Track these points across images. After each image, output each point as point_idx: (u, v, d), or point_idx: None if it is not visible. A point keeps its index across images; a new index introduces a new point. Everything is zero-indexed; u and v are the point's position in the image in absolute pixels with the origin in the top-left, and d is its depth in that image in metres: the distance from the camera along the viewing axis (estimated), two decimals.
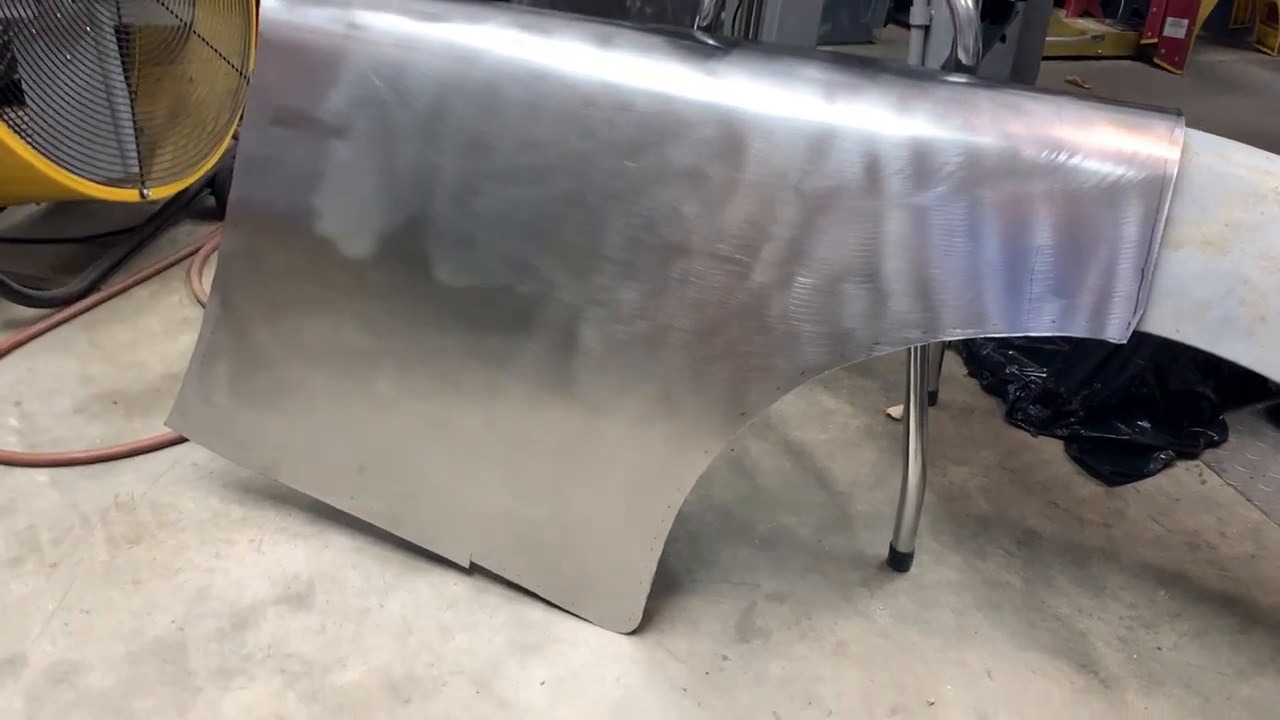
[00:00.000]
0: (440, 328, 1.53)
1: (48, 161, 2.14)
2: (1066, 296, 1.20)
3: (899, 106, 1.28)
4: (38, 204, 2.94)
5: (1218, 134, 1.25)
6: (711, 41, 1.44)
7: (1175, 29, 5.52)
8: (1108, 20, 6.10)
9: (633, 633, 1.54)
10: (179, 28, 2.57)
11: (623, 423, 1.45)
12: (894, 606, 1.63)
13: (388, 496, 1.64)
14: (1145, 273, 1.18)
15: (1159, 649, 1.58)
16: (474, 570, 1.62)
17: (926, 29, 2.39)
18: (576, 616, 1.56)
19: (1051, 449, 2.08)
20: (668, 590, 1.62)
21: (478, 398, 1.53)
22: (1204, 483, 2.00)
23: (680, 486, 1.45)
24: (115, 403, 2.06)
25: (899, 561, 1.71)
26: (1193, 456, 2.06)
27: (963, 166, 1.23)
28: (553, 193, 1.41)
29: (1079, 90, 4.99)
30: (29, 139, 2.11)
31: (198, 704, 1.40)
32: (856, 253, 1.27)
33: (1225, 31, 6.31)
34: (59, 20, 2.19)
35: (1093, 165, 1.20)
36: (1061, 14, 5.98)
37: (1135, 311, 1.18)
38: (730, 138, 1.32)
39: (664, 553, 1.49)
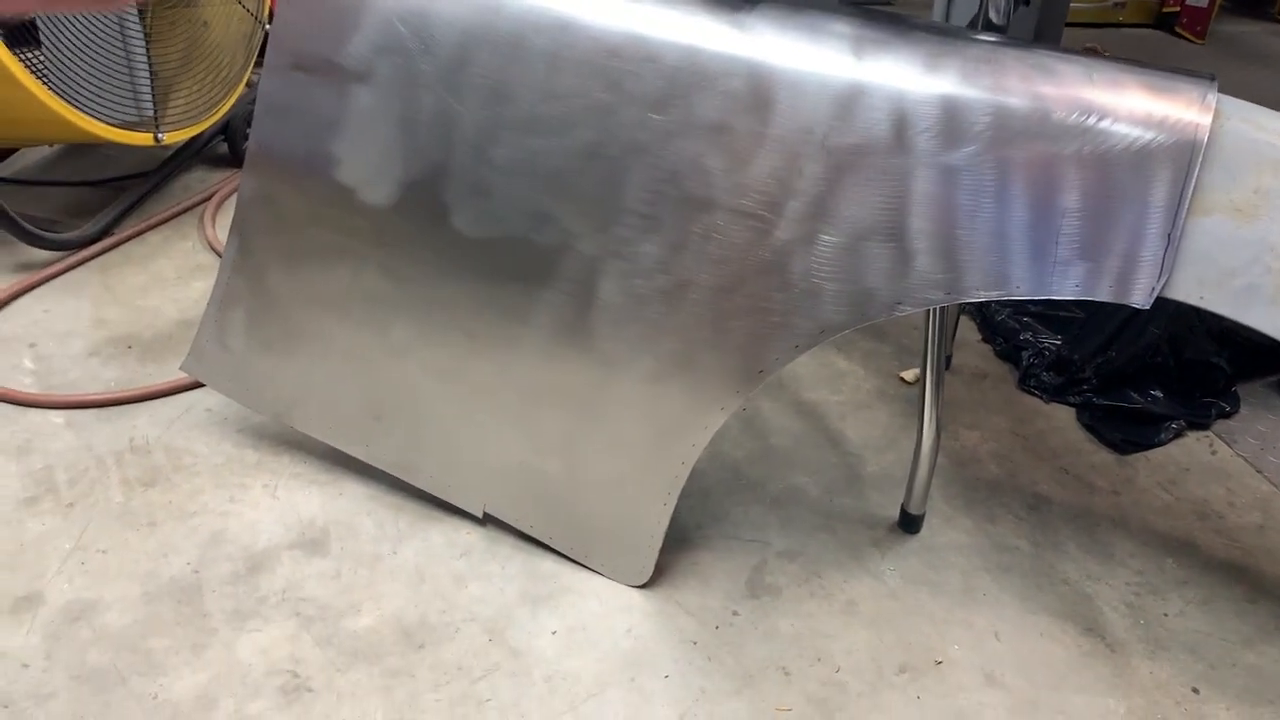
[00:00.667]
0: (458, 277, 1.53)
1: (63, 102, 2.13)
2: (1092, 260, 1.19)
3: (929, 64, 1.27)
4: (50, 146, 2.93)
5: None
6: None
7: None
8: None
9: (644, 586, 1.55)
10: None
11: (640, 377, 1.45)
12: (904, 567, 1.64)
13: (402, 445, 1.64)
14: (1172, 238, 1.17)
15: (1165, 615, 1.59)
16: (487, 520, 1.63)
17: None
18: (588, 568, 1.57)
19: (1063, 416, 2.08)
20: (679, 545, 1.63)
21: (494, 348, 1.53)
22: (1214, 453, 2.00)
23: (695, 442, 1.45)
24: (129, 346, 2.07)
25: (910, 523, 1.72)
26: (1204, 427, 2.06)
27: (992, 126, 1.22)
28: (575, 144, 1.40)
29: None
30: (45, 79, 2.10)
31: (213, 644, 1.42)
32: (882, 211, 1.26)
33: (1248, 1, 6.22)
34: None
35: (1123, 129, 1.19)
36: None
37: (1160, 277, 1.18)
38: (757, 92, 1.31)
39: (675, 508, 1.50)
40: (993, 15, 1.37)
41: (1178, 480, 1.91)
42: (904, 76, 1.26)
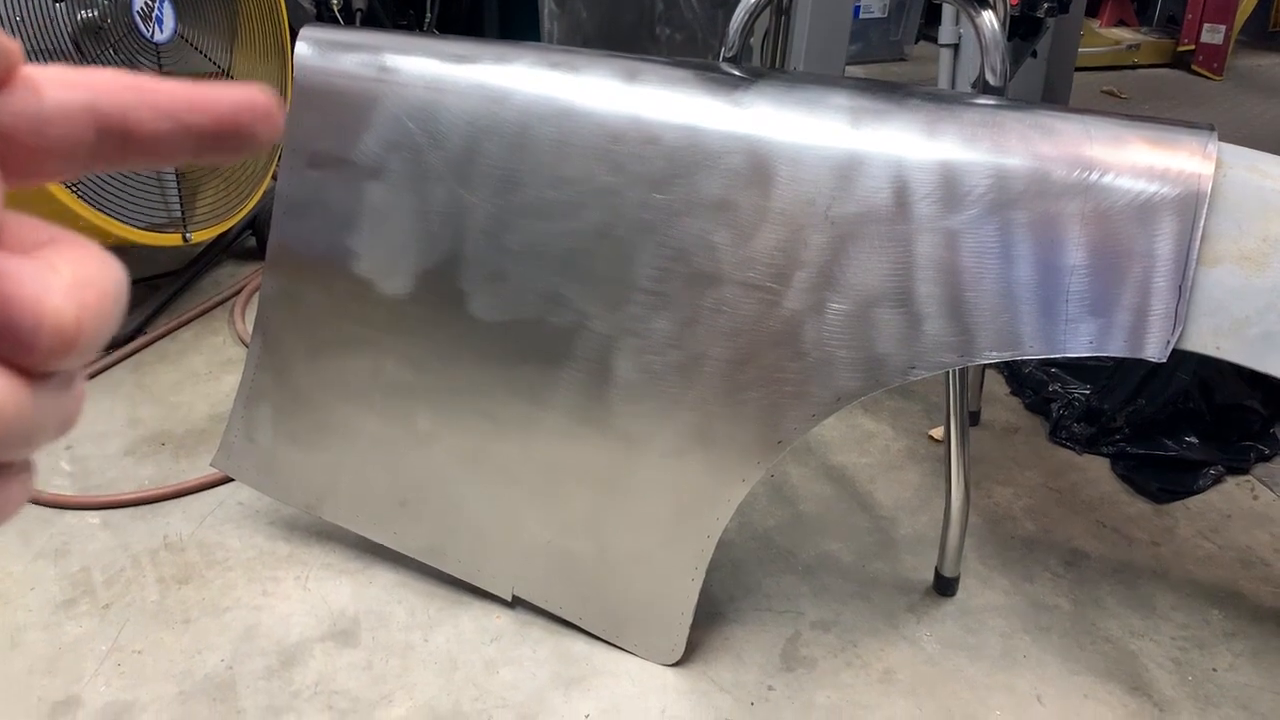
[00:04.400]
0: (477, 362, 1.54)
1: (93, 210, 2.20)
2: (1103, 316, 1.19)
3: (926, 130, 1.28)
4: None
5: (1262, 139, 1.23)
6: (737, 72, 1.45)
7: (1212, 35, 5.45)
8: (1143, 29, 6.04)
9: (676, 664, 1.53)
10: (217, 74, 2.63)
11: (659, 453, 1.46)
12: (941, 632, 1.61)
13: (429, 531, 1.65)
14: (1182, 290, 1.16)
15: (1214, 670, 1.55)
16: (516, 603, 1.63)
17: (956, 48, 2.39)
18: (620, 648, 1.56)
19: (1097, 467, 2.05)
20: (711, 620, 1.62)
21: (515, 430, 1.54)
22: (1256, 498, 1.96)
23: (720, 516, 1.45)
24: (163, 444, 2.10)
25: (945, 586, 1.69)
26: (1243, 471, 2.02)
27: (992, 189, 1.22)
28: (584, 226, 1.43)
29: (1115, 101, 4.94)
30: (75, 189, 2.17)
31: None
32: (888, 277, 1.27)
33: (1264, 35, 6.23)
34: None
35: (1125, 183, 1.19)
36: (1095, 24, 5.94)
37: (1174, 329, 1.17)
38: (758, 167, 1.33)
39: (706, 582, 1.49)
40: (989, 78, 1.38)
41: (1219, 528, 1.87)
42: (903, 144, 1.28)
